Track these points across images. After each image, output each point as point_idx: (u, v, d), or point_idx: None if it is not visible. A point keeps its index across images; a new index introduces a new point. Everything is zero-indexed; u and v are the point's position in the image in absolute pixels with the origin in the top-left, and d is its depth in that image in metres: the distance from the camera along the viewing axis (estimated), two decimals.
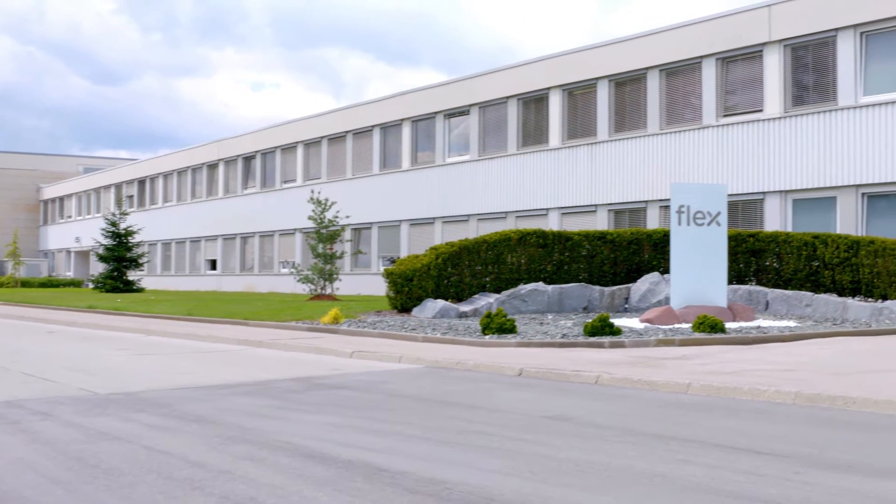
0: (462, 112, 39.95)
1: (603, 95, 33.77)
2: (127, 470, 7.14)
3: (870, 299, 21.97)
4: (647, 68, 32.25)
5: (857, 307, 20.53)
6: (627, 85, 33.23)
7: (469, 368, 14.00)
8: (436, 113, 41.12)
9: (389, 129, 44.22)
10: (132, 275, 55.35)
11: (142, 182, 68.13)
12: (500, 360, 14.30)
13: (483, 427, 9.02)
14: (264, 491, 6.44)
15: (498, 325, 17.71)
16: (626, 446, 8.01)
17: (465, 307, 22.94)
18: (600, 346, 16.11)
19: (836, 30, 27.07)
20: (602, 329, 16.93)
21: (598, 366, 13.24)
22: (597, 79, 33.96)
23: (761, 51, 29.00)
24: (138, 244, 55.23)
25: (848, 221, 26.53)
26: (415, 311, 23.00)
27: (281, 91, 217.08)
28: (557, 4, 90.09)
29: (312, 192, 40.41)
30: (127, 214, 54.68)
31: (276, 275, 51.47)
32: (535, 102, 36.60)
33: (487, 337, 17.33)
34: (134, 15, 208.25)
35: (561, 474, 6.99)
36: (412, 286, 23.40)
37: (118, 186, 71.26)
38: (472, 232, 37.36)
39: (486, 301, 23.35)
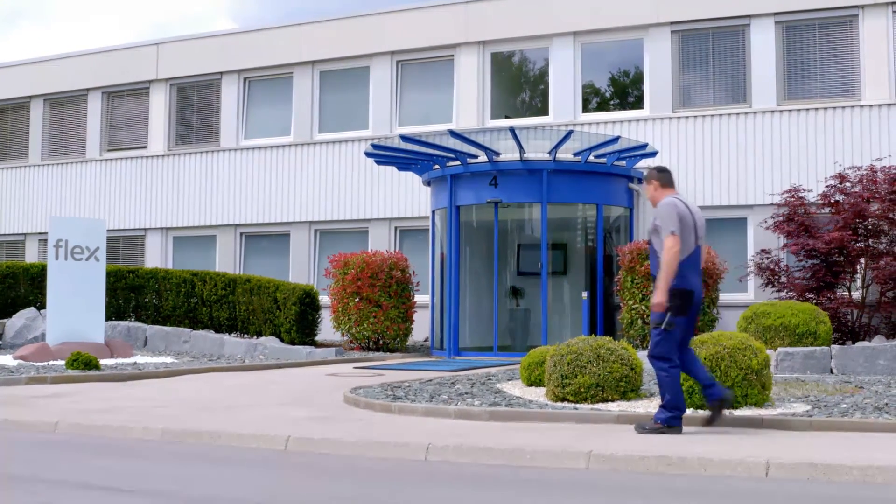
0: None
1: None
2: None
3: (246, 335, 22.84)
4: (31, 97, 31.20)
5: (234, 343, 21.25)
6: (10, 112, 31.91)
7: None
8: None
9: None
10: None
11: None
12: None
13: None
14: None
15: None
16: None
17: None
18: None
19: (221, 73, 28.02)
20: None
21: None
22: None
23: (148, 88, 29.23)
24: None
25: (227, 259, 27.43)
26: None
27: None
28: None
29: None
30: None
31: None
32: None
33: None
34: None
35: None
36: None
37: None
38: None
39: None
